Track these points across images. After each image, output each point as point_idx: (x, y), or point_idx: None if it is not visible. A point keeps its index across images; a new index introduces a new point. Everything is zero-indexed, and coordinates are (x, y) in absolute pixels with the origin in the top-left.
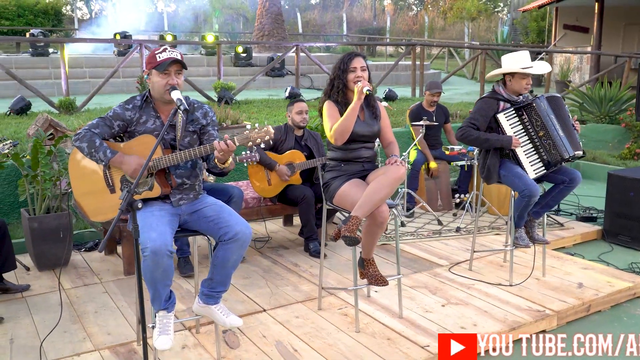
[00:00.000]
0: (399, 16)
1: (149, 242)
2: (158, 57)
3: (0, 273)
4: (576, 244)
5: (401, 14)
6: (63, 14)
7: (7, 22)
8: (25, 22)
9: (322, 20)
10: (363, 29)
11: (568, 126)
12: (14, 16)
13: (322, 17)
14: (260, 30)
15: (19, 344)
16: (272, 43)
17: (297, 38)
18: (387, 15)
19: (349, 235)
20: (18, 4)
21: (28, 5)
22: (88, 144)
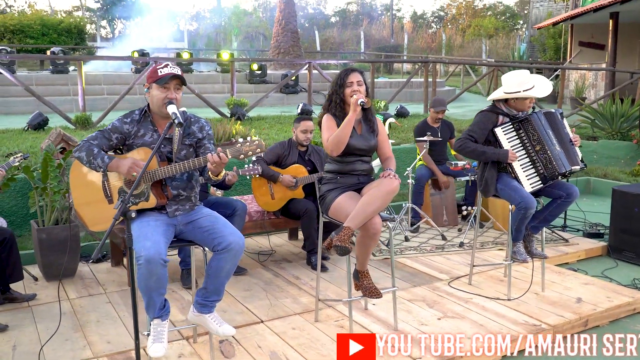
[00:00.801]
0: (417, 34)
1: (143, 250)
2: (159, 72)
3: (7, 283)
4: (580, 259)
5: (420, 32)
6: (86, 33)
7: (32, 41)
8: (49, 41)
9: (340, 38)
10: (380, 46)
11: (565, 141)
12: (39, 35)
13: (340, 35)
14: (277, 48)
15: (21, 351)
16: (284, 60)
17: (314, 56)
18: (404, 33)
19: (340, 245)
20: (42, 23)
21: (52, 24)
22: (86, 152)
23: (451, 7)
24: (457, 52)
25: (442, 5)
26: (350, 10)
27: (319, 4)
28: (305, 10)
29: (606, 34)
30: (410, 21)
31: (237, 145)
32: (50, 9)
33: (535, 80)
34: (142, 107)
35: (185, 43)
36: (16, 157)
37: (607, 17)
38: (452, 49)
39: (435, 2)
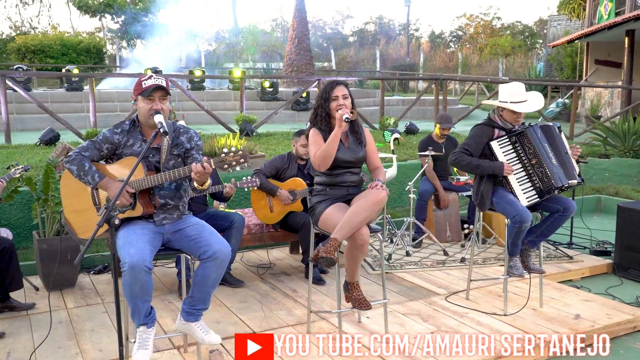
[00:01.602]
0: (435, 53)
1: (127, 257)
2: (143, 84)
3: (7, 292)
4: (584, 277)
5: (437, 52)
6: (104, 53)
7: (52, 60)
8: (69, 60)
9: (357, 57)
10: (396, 65)
11: (562, 155)
12: (59, 54)
13: (357, 54)
14: (290, 66)
15: (14, 357)
16: (294, 77)
17: (329, 74)
18: (420, 52)
19: (325, 256)
20: (62, 43)
21: (72, 44)
22: (77, 167)
23: (469, 27)
24: (475, 71)
25: (461, 25)
26: (368, 30)
27: (337, 24)
28: (323, 30)
29: (622, 51)
30: (427, 41)
31: (222, 155)
32: (72, 30)
33: (529, 96)
34: (132, 118)
35: (202, 63)
36: (17, 168)
37: (622, 35)
38: (468, 68)
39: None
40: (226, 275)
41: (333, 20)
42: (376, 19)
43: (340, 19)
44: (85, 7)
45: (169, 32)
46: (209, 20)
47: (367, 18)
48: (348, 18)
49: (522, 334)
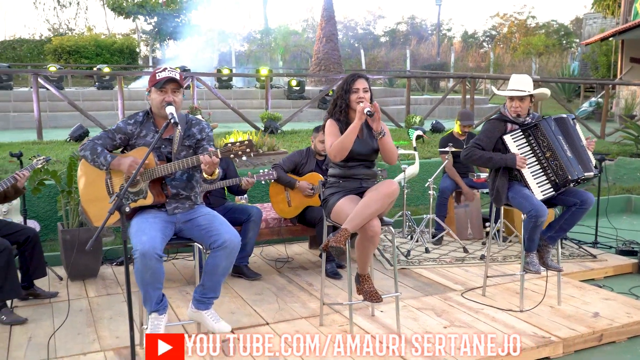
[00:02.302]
0: (467, 53)
1: (139, 245)
2: (157, 76)
3: (31, 279)
4: (608, 276)
5: (470, 51)
6: (137, 53)
7: (87, 61)
8: (103, 61)
9: (387, 57)
10: (426, 65)
11: (577, 147)
12: (93, 55)
13: (388, 54)
14: (318, 65)
15: (35, 342)
16: (319, 75)
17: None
18: (451, 52)
19: (335, 245)
20: (96, 44)
21: (105, 45)
22: (90, 151)
23: (503, 26)
24: (508, 70)
25: (494, 25)
26: (400, 30)
27: (368, 24)
28: (355, 30)
29: None
30: (460, 40)
31: (229, 145)
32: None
33: (528, 87)
34: (146, 109)
35: (233, 63)
36: (39, 159)
37: None
38: (501, 67)
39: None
40: (244, 268)
41: (364, 21)
42: (408, 19)
43: (372, 19)
44: (119, 9)
45: (201, 32)
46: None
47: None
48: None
49: (538, 331)
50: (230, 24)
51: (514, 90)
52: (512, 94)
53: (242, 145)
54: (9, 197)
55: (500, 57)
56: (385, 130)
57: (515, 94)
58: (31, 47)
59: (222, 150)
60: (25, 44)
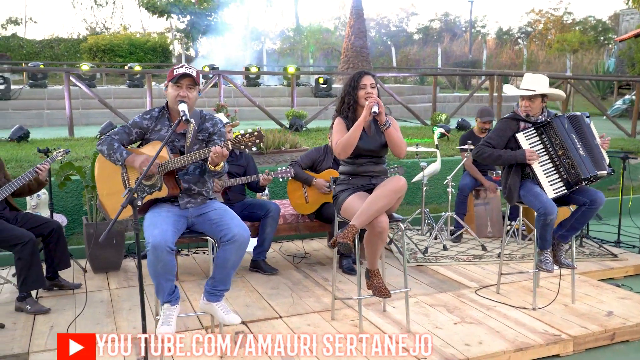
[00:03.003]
0: (502, 50)
1: (151, 238)
2: (175, 71)
3: (55, 271)
4: (628, 275)
5: (505, 48)
6: (170, 51)
7: (121, 59)
8: (136, 59)
9: (420, 55)
10: (457, 62)
11: (591, 146)
12: (127, 53)
13: (421, 51)
14: (346, 63)
15: (56, 331)
16: (345, 73)
17: (388, 72)
18: (484, 49)
19: (342, 241)
20: (130, 43)
21: (139, 44)
22: (107, 146)
23: (538, 23)
24: (543, 67)
25: (530, 21)
26: (433, 27)
27: (401, 21)
28: (387, 27)
29: None
30: (494, 37)
31: (239, 136)
32: (143, 31)
33: (539, 87)
34: (162, 105)
35: (264, 61)
36: (58, 152)
37: None
38: (535, 64)
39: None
40: (261, 263)
41: (397, 18)
42: (441, 16)
43: (405, 17)
44: (153, 8)
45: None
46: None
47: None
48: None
49: (549, 329)
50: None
51: (524, 90)
52: (521, 93)
53: (252, 136)
54: (33, 189)
55: (534, 54)
56: (391, 122)
57: (523, 94)
58: (68, 46)
59: (233, 141)
60: (62, 43)
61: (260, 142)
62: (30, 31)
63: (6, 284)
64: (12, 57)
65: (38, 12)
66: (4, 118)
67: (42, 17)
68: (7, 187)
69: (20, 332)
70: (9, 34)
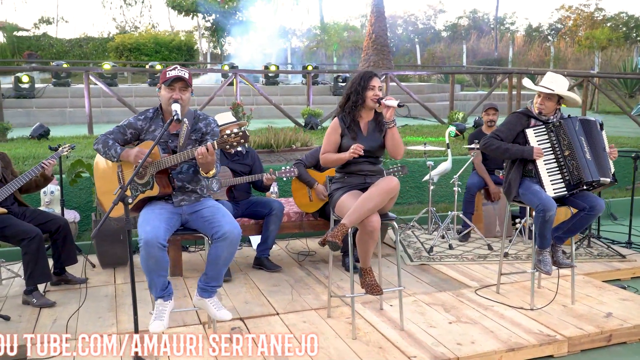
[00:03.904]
0: (530, 47)
1: (143, 234)
2: (167, 74)
3: (63, 266)
4: (636, 277)
5: (533, 45)
6: (195, 50)
7: (146, 58)
8: (162, 58)
9: (446, 52)
10: (482, 60)
11: (598, 151)
12: (152, 52)
13: (448, 49)
14: (366, 62)
15: (58, 324)
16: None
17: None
18: (509, 46)
19: (331, 240)
20: (156, 41)
21: (164, 42)
22: (102, 144)
23: (568, 19)
24: (572, 65)
25: (560, 17)
26: (461, 24)
27: (428, 19)
28: (415, 25)
29: None
30: (523, 34)
31: (224, 136)
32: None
33: (558, 88)
34: (156, 106)
35: (288, 59)
36: (64, 147)
37: None
38: (564, 62)
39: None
40: (264, 260)
41: (425, 15)
42: (469, 13)
43: (433, 14)
44: (179, 7)
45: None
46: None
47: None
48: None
49: (544, 329)
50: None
51: (542, 87)
52: (541, 89)
53: (237, 136)
54: (39, 185)
55: (562, 52)
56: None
57: (543, 90)
58: (96, 45)
59: (219, 141)
60: (90, 42)
61: (245, 142)
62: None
63: (17, 278)
64: (43, 55)
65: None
66: (28, 116)
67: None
68: (14, 183)
69: (25, 325)
70: (40, 33)
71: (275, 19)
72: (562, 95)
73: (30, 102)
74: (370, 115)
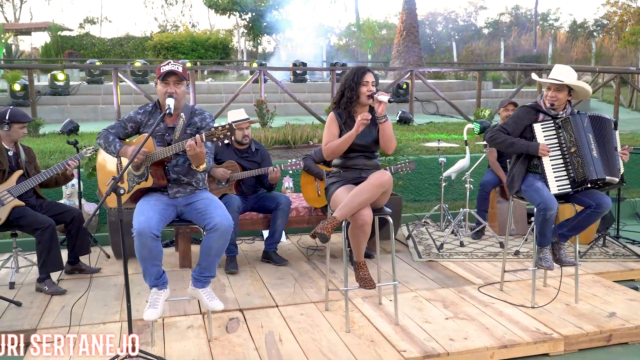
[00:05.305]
0: (574, 44)
1: (136, 224)
2: (162, 69)
3: (76, 256)
4: None
5: (576, 42)
6: (230, 48)
7: (183, 56)
8: (198, 56)
9: (486, 49)
10: (520, 57)
11: (606, 150)
12: (189, 50)
13: (488, 46)
14: (397, 59)
15: (66, 310)
16: (394, 69)
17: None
18: (549, 43)
19: (320, 232)
20: (192, 40)
21: (200, 41)
22: (104, 140)
23: (614, 15)
24: (618, 62)
25: (606, 12)
26: (503, 21)
27: (469, 16)
28: (455, 22)
29: None
30: (567, 31)
31: (212, 129)
32: (210, 28)
33: (567, 79)
34: (155, 100)
35: (323, 57)
36: (88, 149)
37: None
38: (607, 58)
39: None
40: (272, 254)
41: (465, 12)
42: (512, 10)
43: (473, 10)
44: (215, 6)
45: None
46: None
47: (502, 9)
48: (481, 9)
49: (542, 327)
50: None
51: (551, 79)
52: (549, 81)
53: (223, 129)
54: (59, 182)
55: (606, 48)
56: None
57: (549, 81)
58: (136, 44)
59: (207, 134)
60: (131, 41)
61: (232, 135)
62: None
63: (34, 266)
64: (85, 55)
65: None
66: (62, 112)
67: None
68: (36, 178)
69: (35, 310)
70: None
71: (313, 17)
72: (572, 86)
73: (64, 99)
74: (365, 110)
